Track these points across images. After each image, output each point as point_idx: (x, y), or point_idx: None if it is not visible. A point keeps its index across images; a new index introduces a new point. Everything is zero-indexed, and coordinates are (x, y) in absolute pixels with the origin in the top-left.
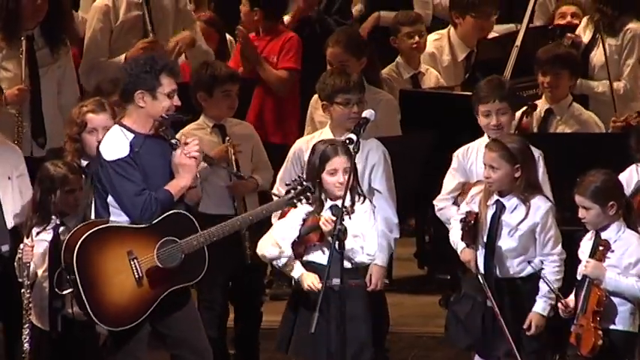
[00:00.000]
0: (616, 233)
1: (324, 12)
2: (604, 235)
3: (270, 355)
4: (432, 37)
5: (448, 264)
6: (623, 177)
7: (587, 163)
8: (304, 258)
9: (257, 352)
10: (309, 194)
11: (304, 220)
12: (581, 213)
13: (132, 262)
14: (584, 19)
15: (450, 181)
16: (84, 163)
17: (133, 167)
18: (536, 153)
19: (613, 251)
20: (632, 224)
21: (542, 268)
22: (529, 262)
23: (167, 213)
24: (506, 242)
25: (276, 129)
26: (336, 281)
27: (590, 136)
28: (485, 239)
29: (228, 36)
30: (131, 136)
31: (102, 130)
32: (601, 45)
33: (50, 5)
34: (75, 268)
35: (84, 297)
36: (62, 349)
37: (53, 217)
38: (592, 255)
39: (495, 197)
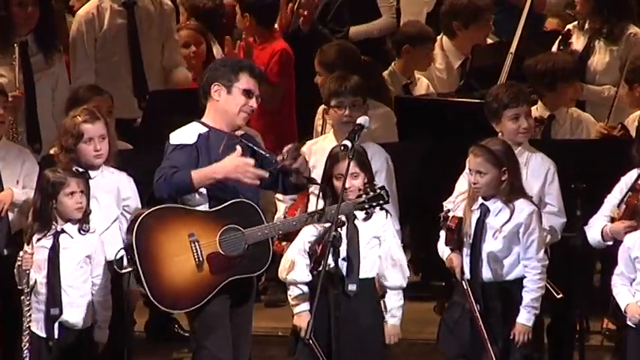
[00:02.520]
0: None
1: (319, 20)
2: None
3: None
4: None
5: (443, 270)
6: (623, 179)
7: (581, 169)
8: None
9: None
10: (382, 202)
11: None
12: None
13: (193, 245)
14: (569, 26)
15: (463, 184)
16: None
17: (184, 155)
18: (549, 165)
19: None
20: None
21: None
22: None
23: (233, 200)
24: (490, 245)
25: (273, 140)
26: (352, 287)
27: (587, 142)
28: (470, 243)
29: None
30: (205, 130)
31: (98, 138)
32: (600, 51)
33: (42, 12)
34: (134, 246)
35: (142, 276)
36: (60, 357)
37: (54, 223)
38: None
39: (480, 201)
